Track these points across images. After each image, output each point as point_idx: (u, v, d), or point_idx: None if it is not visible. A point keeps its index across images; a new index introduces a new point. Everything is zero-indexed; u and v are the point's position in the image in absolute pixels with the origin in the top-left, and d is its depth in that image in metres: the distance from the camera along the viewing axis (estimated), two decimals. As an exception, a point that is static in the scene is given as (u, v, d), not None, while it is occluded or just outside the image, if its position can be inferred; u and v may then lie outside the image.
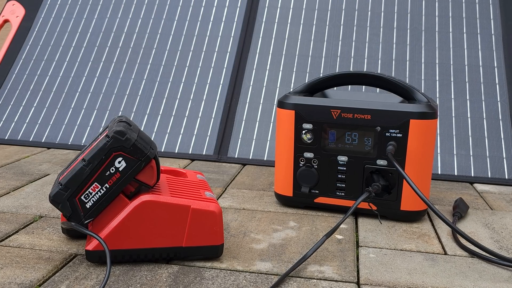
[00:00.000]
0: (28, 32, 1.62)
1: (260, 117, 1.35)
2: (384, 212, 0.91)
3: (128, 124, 0.72)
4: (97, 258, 0.71)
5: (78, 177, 0.69)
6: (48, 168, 1.18)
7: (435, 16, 1.48)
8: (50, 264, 0.72)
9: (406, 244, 0.82)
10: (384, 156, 0.89)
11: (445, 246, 0.82)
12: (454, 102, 1.32)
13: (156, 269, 0.71)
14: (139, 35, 1.55)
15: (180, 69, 1.47)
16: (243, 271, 0.71)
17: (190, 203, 0.72)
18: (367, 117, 0.88)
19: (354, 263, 0.75)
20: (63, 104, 1.45)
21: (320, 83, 0.98)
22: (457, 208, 0.94)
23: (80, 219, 0.71)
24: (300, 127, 0.92)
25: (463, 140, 1.25)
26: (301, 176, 0.94)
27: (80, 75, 1.50)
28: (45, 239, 0.80)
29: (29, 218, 0.89)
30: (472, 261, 0.77)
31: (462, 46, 1.42)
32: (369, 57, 1.43)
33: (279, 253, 0.77)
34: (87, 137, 1.37)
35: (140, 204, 0.70)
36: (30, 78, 1.53)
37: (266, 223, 0.89)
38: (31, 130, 1.41)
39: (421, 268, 0.74)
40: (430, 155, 0.89)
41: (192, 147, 1.31)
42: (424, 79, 1.37)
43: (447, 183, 1.16)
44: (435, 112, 0.87)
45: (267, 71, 1.44)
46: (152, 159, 0.72)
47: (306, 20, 1.52)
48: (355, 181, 0.91)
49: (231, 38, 1.51)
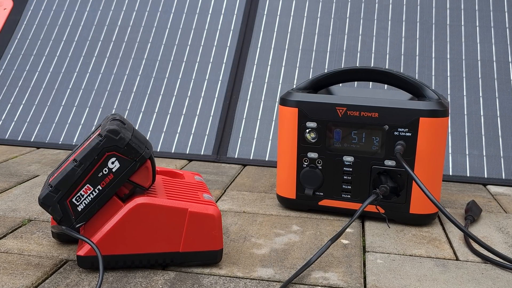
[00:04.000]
0: (17, 26, 1.62)
1: (261, 115, 1.35)
2: (392, 215, 0.91)
3: (122, 123, 0.72)
4: (89, 264, 0.71)
5: (69, 178, 0.69)
6: (37, 169, 1.18)
7: (446, 8, 1.47)
8: (39, 270, 0.72)
9: (415, 249, 0.82)
10: (393, 156, 0.89)
11: (457, 251, 0.82)
12: (466, 99, 1.32)
13: (152, 276, 0.71)
14: (133, 29, 1.55)
15: (177, 65, 1.47)
16: (244, 277, 0.71)
17: (187, 206, 0.72)
18: (375, 115, 0.88)
19: (360, 269, 0.75)
20: (53, 101, 1.45)
21: (325, 79, 0.98)
22: (470, 211, 0.94)
23: (71, 222, 0.71)
24: (304, 126, 0.92)
25: (476, 140, 1.25)
26: (304, 178, 0.94)
27: (71, 70, 1.51)
28: (34, 244, 0.80)
29: (17, 221, 0.89)
30: (485, 267, 0.76)
31: (474, 40, 1.42)
32: (376, 51, 1.43)
33: (282, 258, 0.77)
34: (79, 136, 1.38)
35: (135, 207, 0.70)
36: (19, 74, 1.53)
37: (267, 227, 0.89)
38: (20, 129, 1.41)
39: (431, 274, 0.74)
40: (441, 155, 0.89)
41: (189, 146, 1.32)
42: (434, 75, 1.37)
43: (459, 185, 1.16)
44: (446, 109, 0.87)
45: (269, 67, 1.44)
46: (147, 159, 0.72)
47: (310, 12, 1.52)
48: (361, 182, 0.91)
49: (231, 32, 1.51)
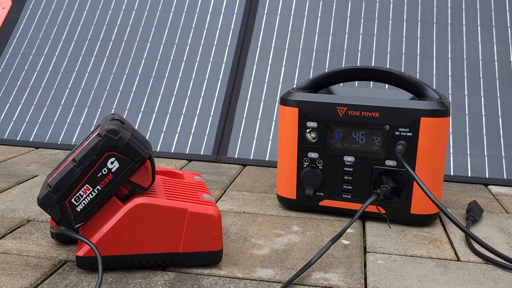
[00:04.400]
0: (15, 25, 1.62)
1: (261, 115, 1.35)
2: (393, 215, 0.91)
3: (121, 122, 0.73)
4: (89, 265, 0.71)
5: (68, 178, 0.69)
6: (36, 169, 1.18)
7: (448, 7, 1.48)
8: (38, 271, 0.72)
9: (416, 249, 0.82)
10: (393, 157, 0.89)
11: (458, 252, 0.82)
12: (468, 99, 1.32)
13: (151, 277, 0.71)
14: (133, 28, 1.55)
15: (176, 64, 1.47)
16: (244, 278, 0.71)
17: (187, 206, 0.72)
18: (375, 115, 0.89)
19: (361, 270, 0.75)
20: (52, 101, 1.45)
21: (325, 78, 0.98)
22: (471, 211, 0.94)
23: (70, 223, 0.71)
24: (304, 126, 0.92)
25: (477, 140, 1.25)
26: (305, 178, 0.94)
27: (70, 70, 1.51)
28: (33, 244, 0.80)
29: (16, 222, 0.89)
30: (486, 268, 0.77)
31: (476, 39, 1.42)
32: (377, 51, 1.43)
33: (282, 259, 0.77)
34: (78, 136, 1.38)
35: (134, 207, 0.70)
36: (17, 74, 1.53)
37: (268, 228, 0.89)
38: (18, 129, 1.41)
39: (432, 275, 0.74)
40: (442, 155, 0.89)
41: (189, 146, 1.32)
42: (435, 74, 1.37)
43: (460, 185, 1.16)
44: (447, 109, 0.87)
45: (269, 66, 1.44)
46: (147, 159, 0.72)
47: (311, 11, 1.52)
48: (362, 183, 0.91)
49: (231, 31, 1.51)
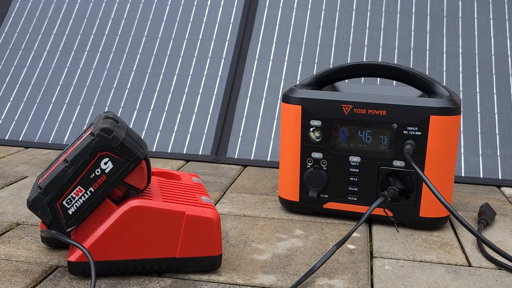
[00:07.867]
0: (4, 18, 1.62)
1: (262, 113, 1.35)
2: (401, 219, 0.91)
3: (115, 121, 0.72)
4: (81, 271, 0.71)
5: (59, 180, 0.69)
6: (26, 170, 1.18)
7: (458, 0, 1.47)
8: (28, 277, 0.72)
9: (425, 254, 0.82)
10: (401, 157, 0.89)
11: (470, 257, 0.82)
12: (480, 96, 1.32)
13: (147, 283, 0.71)
14: (127, 21, 1.55)
15: (173, 60, 1.47)
16: (244, 285, 0.71)
17: (184, 209, 0.72)
18: (382, 113, 0.88)
19: (367, 275, 0.75)
20: (42, 98, 1.45)
21: (330, 75, 0.98)
22: (483, 214, 0.94)
23: (61, 226, 0.71)
24: (308, 124, 0.92)
25: (490, 139, 1.25)
26: (308, 179, 0.94)
27: (62, 66, 1.51)
28: (22, 249, 0.80)
29: (4, 225, 0.89)
30: (499, 273, 0.76)
31: (488, 33, 1.41)
32: (384, 46, 1.43)
33: (284, 264, 0.77)
34: (70, 135, 1.38)
35: (129, 210, 0.70)
36: (6, 70, 1.53)
37: (269, 231, 0.89)
38: (7, 128, 1.41)
39: (442, 281, 0.74)
40: (453, 156, 0.89)
41: (187, 146, 1.32)
42: (445, 70, 1.37)
43: (472, 187, 1.16)
44: (458, 107, 0.87)
45: (271, 62, 1.44)
46: (142, 159, 0.72)
47: (314, 4, 1.52)
48: (368, 184, 0.91)
49: (231, 25, 1.51)
